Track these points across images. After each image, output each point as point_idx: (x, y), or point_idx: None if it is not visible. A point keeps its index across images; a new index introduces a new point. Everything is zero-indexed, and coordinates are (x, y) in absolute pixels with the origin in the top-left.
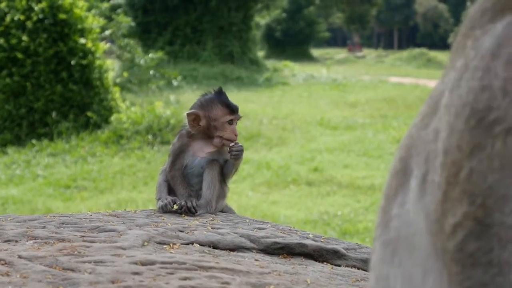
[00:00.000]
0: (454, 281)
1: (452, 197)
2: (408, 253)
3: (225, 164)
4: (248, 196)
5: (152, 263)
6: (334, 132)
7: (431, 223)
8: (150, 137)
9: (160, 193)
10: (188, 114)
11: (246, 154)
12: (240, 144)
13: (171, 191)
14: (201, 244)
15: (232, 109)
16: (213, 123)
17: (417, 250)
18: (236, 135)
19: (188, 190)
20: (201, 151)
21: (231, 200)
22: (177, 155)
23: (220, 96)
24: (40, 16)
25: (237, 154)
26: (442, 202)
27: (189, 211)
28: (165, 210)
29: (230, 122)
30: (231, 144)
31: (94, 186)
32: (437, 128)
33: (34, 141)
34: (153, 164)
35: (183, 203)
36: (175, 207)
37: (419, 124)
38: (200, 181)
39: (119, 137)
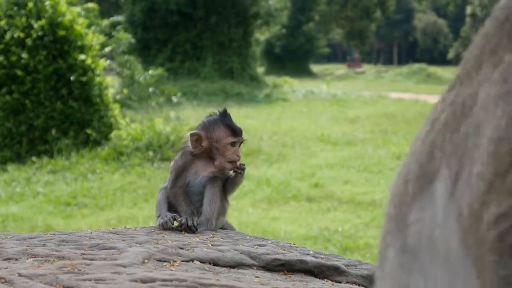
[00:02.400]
0: (489, 270)
1: (499, 188)
2: (433, 258)
3: (227, 181)
4: (249, 212)
5: (153, 280)
6: (334, 148)
7: (465, 218)
8: (150, 153)
9: (160, 210)
10: (191, 135)
11: (246, 170)
12: (243, 163)
13: (171, 208)
14: (202, 261)
15: (235, 132)
16: (215, 144)
17: (445, 253)
18: (239, 157)
19: (191, 207)
20: (203, 170)
21: (232, 216)
22: (180, 172)
23: (224, 118)
24: (40, 33)
25: (240, 173)
26: (485, 193)
27: (189, 230)
28: (165, 227)
29: (233, 144)
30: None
31: (94, 203)
32: (477, 123)
33: (34, 158)
34: (153, 180)
35: (183, 221)
36: (176, 223)
37: (444, 129)
38: (201, 199)
39: (119, 154)
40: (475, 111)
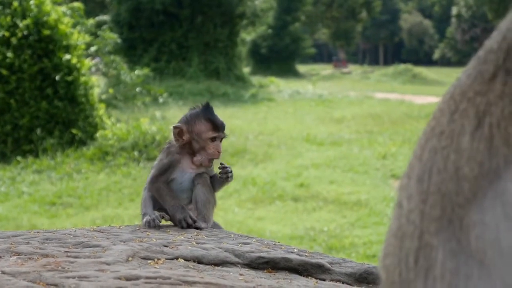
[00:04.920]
0: None
1: None
2: (499, 262)
3: (214, 179)
4: (234, 212)
5: (137, 278)
6: (320, 148)
7: None
8: (136, 153)
9: (146, 208)
10: (174, 127)
11: (232, 170)
12: (228, 166)
13: (156, 206)
14: (186, 259)
15: (216, 126)
16: (196, 138)
17: None
18: (219, 152)
19: (177, 200)
20: (189, 167)
21: (217, 216)
22: (165, 170)
23: (206, 111)
24: (25, 32)
25: (227, 178)
26: None
27: (191, 226)
28: (151, 225)
29: (213, 139)
30: (219, 167)
31: (79, 203)
32: None
33: (19, 158)
34: (139, 180)
35: (183, 220)
36: (164, 222)
37: (506, 123)
38: (189, 197)
39: (105, 153)
40: None
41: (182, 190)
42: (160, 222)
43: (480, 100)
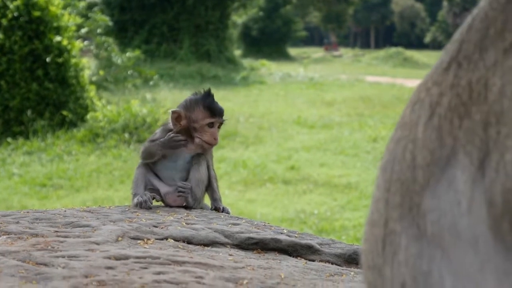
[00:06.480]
0: None
1: None
2: (457, 246)
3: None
4: (225, 194)
5: (126, 257)
6: (311, 131)
7: (498, 206)
8: (126, 135)
9: (137, 188)
10: (172, 112)
11: (222, 153)
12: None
13: (148, 186)
14: (175, 239)
15: (214, 112)
16: (193, 124)
17: (471, 240)
18: (215, 139)
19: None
20: (186, 147)
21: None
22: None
23: (205, 98)
24: (15, 13)
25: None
26: None
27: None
28: (143, 207)
29: (211, 125)
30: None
31: (70, 185)
32: (500, 111)
33: (9, 139)
34: (130, 162)
35: (189, 198)
36: (155, 202)
37: (451, 114)
38: (183, 177)
39: (95, 135)
40: (493, 99)
41: (176, 169)
42: (152, 204)
43: (435, 91)
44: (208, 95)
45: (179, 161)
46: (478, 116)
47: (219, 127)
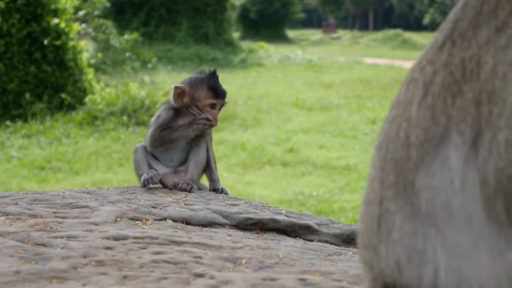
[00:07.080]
0: None
1: None
2: (451, 223)
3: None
4: (224, 176)
5: (125, 238)
6: (309, 113)
7: (491, 184)
8: (125, 118)
9: (142, 169)
10: (175, 87)
11: (221, 135)
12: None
13: (151, 167)
14: (174, 220)
15: (217, 94)
16: (196, 103)
17: (465, 218)
18: (216, 121)
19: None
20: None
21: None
22: (165, 125)
23: (210, 79)
24: None
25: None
26: None
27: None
28: (151, 182)
29: (212, 106)
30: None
31: (68, 168)
32: (492, 90)
33: (8, 122)
34: (128, 145)
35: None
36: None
37: (445, 92)
38: (182, 158)
39: (94, 118)
40: (485, 78)
41: (176, 149)
42: (159, 179)
43: (429, 69)
44: (214, 75)
45: (178, 142)
46: (471, 95)
47: (219, 109)
